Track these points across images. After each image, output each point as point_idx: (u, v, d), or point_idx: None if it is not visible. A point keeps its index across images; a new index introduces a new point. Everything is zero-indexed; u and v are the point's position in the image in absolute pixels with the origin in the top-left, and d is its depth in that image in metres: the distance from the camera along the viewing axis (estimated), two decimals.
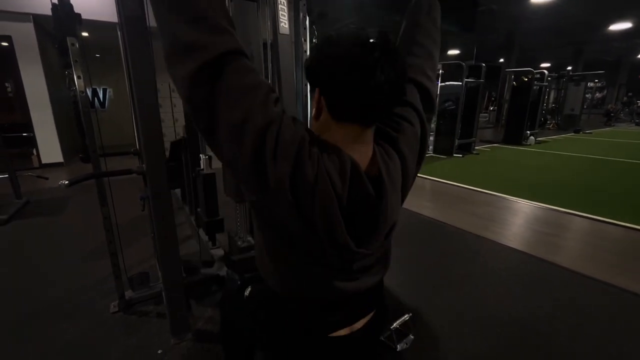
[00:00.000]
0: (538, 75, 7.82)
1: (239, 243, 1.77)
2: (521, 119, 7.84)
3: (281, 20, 1.39)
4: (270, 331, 0.77)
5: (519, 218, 3.21)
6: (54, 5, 1.41)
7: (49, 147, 5.43)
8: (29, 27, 4.92)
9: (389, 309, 0.86)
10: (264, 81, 0.60)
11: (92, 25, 5.30)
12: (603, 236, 2.78)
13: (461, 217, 3.22)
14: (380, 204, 0.62)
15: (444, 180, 4.61)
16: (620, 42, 13.19)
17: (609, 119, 13.61)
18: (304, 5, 1.65)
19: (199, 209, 2.21)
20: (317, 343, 0.73)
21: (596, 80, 15.93)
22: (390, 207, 0.63)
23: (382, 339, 0.90)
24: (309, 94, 1.78)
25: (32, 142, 5.31)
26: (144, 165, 1.34)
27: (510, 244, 2.59)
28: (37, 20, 4.95)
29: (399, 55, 0.59)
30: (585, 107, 11.55)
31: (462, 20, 8.32)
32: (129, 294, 1.78)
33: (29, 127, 5.25)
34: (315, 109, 0.65)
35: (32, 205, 3.49)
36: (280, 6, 1.38)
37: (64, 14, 1.40)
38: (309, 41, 1.75)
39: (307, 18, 1.70)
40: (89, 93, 1.48)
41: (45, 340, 1.54)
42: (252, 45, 1.56)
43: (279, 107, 0.59)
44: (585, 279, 2.10)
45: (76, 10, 1.43)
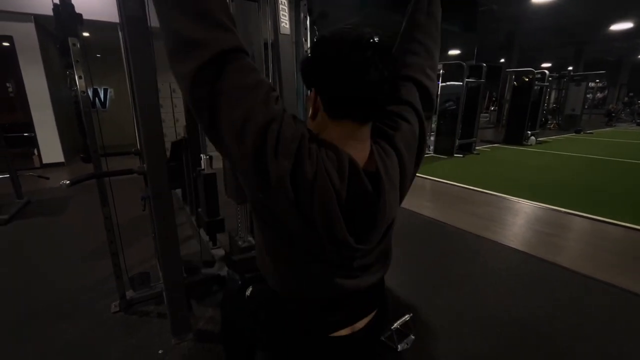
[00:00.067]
0: (539, 75, 7.80)
1: (239, 243, 1.77)
2: (522, 119, 7.83)
3: (282, 20, 1.40)
4: (271, 331, 0.77)
5: (519, 218, 3.21)
6: (55, 5, 1.41)
7: (50, 147, 5.44)
8: (30, 27, 4.93)
9: (390, 309, 0.86)
10: (264, 80, 0.60)
11: (93, 25, 5.32)
12: (603, 236, 2.78)
13: (462, 217, 3.22)
14: (378, 201, 0.62)
15: (445, 180, 4.61)
16: (621, 42, 13.18)
17: (610, 119, 13.58)
18: (304, 5, 1.65)
19: (199, 209, 2.21)
20: (318, 343, 0.73)
21: (597, 81, 15.90)
22: (388, 204, 0.64)
23: (382, 339, 0.90)
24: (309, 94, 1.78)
25: (33, 142, 5.32)
26: (144, 165, 1.34)
27: (510, 244, 2.59)
28: (38, 20, 4.96)
29: (391, 53, 0.60)
30: (586, 107, 11.51)
31: (463, 20, 8.32)
32: (129, 294, 1.79)
33: (30, 127, 5.26)
34: (311, 109, 0.65)
35: (33, 205, 3.49)
36: (281, 6, 1.38)
37: (66, 14, 1.40)
38: (309, 41, 1.75)
39: (308, 18, 1.71)
40: (90, 93, 1.48)
41: (45, 340, 1.55)
42: (253, 45, 1.56)
43: (279, 105, 0.60)
44: (586, 279, 2.09)
45: (77, 11, 1.43)
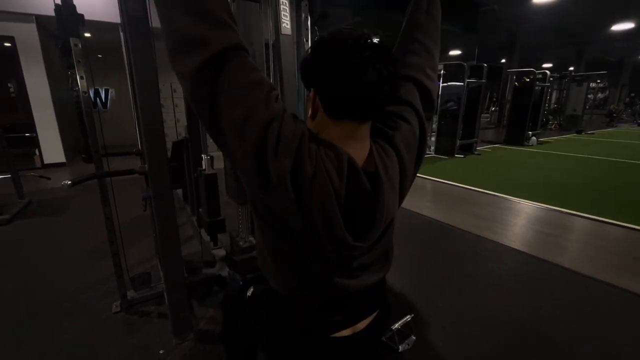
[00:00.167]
0: (540, 76, 7.79)
1: (240, 243, 1.77)
2: (523, 119, 7.82)
3: (283, 20, 1.40)
4: (272, 331, 0.77)
5: (520, 219, 3.20)
6: (57, 6, 1.41)
7: (52, 147, 5.45)
8: (31, 28, 4.93)
9: (391, 310, 0.86)
10: (265, 78, 0.61)
11: (94, 25, 5.33)
12: (604, 236, 2.77)
13: (463, 217, 3.21)
14: (377, 200, 0.62)
15: (446, 180, 4.60)
16: (622, 42, 13.16)
17: (612, 119, 13.55)
18: (305, 5, 1.65)
19: (200, 209, 2.22)
20: (319, 344, 0.73)
21: (598, 81, 15.85)
22: (387, 203, 0.64)
23: (383, 339, 0.90)
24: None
25: (34, 143, 5.32)
26: (146, 166, 1.34)
27: (511, 244, 2.59)
28: (39, 21, 4.97)
29: (390, 53, 0.60)
30: (587, 107, 11.49)
31: (464, 21, 8.32)
32: (130, 294, 1.79)
33: (31, 127, 5.26)
34: (310, 109, 0.65)
35: (34, 205, 3.50)
36: (282, 7, 1.38)
37: (67, 14, 1.40)
38: (310, 42, 1.75)
39: (309, 19, 1.71)
40: (92, 93, 1.48)
41: (46, 340, 1.55)
42: (254, 46, 1.56)
43: (280, 104, 0.60)
44: (586, 279, 2.09)
45: (79, 11, 1.44)
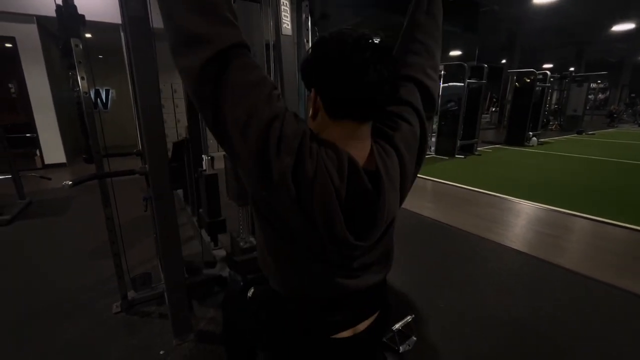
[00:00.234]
0: (540, 76, 7.79)
1: (241, 244, 1.77)
2: (523, 120, 7.82)
3: (284, 21, 1.40)
4: (273, 332, 0.77)
5: (521, 219, 3.20)
6: (58, 6, 1.42)
7: (52, 147, 5.45)
8: (32, 29, 4.94)
9: (392, 311, 0.86)
10: (267, 77, 0.61)
11: (95, 26, 5.34)
12: (604, 237, 2.77)
13: (463, 218, 3.21)
14: (378, 200, 0.62)
15: (446, 181, 4.60)
16: (623, 42, 13.15)
17: (612, 120, 13.55)
18: (306, 6, 1.65)
19: (201, 210, 2.22)
20: (319, 344, 0.72)
21: (599, 81, 15.87)
22: (388, 203, 0.64)
23: (384, 340, 0.90)
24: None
25: (35, 143, 5.33)
26: (146, 166, 1.34)
27: (512, 245, 2.58)
28: (40, 21, 4.98)
29: (390, 53, 0.60)
30: (587, 108, 11.50)
31: (464, 21, 8.32)
32: (131, 294, 1.79)
33: (32, 127, 5.27)
34: (311, 109, 0.66)
35: (35, 205, 3.50)
36: (282, 7, 1.38)
37: (68, 15, 1.40)
38: (311, 42, 1.75)
39: (310, 19, 1.71)
40: (92, 94, 1.48)
41: (47, 340, 1.55)
42: (254, 46, 1.56)
43: (281, 103, 0.60)
44: (587, 280, 2.09)
45: (80, 12, 1.44)
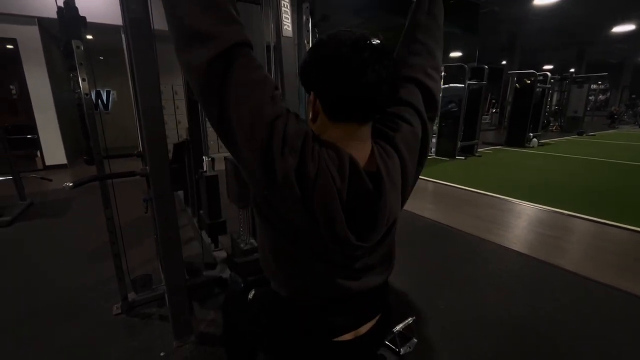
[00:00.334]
0: (541, 78, 7.79)
1: (241, 245, 1.77)
2: (524, 121, 7.81)
3: (284, 22, 1.40)
4: (274, 334, 0.77)
5: (521, 220, 3.19)
6: (59, 8, 1.42)
7: (53, 149, 5.46)
8: (34, 30, 4.96)
9: (393, 315, 0.85)
10: (269, 77, 0.61)
11: (96, 28, 5.35)
12: (605, 238, 2.76)
13: (463, 219, 3.20)
14: (379, 200, 0.62)
15: (447, 182, 4.60)
16: (623, 43, 13.14)
17: (613, 121, 13.54)
18: (307, 7, 1.65)
19: (201, 211, 2.21)
20: (320, 347, 0.72)
21: (599, 82, 15.86)
22: (390, 203, 0.64)
23: (385, 342, 0.89)
24: None
25: (36, 144, 5.33)
26: (147, 168, 1.34)
27: (512, 246, 2.58)
28: (42, 23, 4.99)
29: (389, 54, 0.60)
30: (588, 109, 11.48)
31: (465, 22, 8.32)
32: (131, 296, 1.79)
33: (33, 129, 5.28)
34: (311, 112, 0.66)
35: (35, 206, 3.50)
36: (283, 9, 1.38)
37: (69, 17, 1.41)
38: (312, 44, 1.75)
39: (310, 21, 1.71)
40: (93, 95, 1.48)
41: (46, 341, 1.55)
42: (255, 48, 1.56)
43: (283, 104, 0.61)
44: (587, 281, 2.08)
45: (81, 14, 1.44)
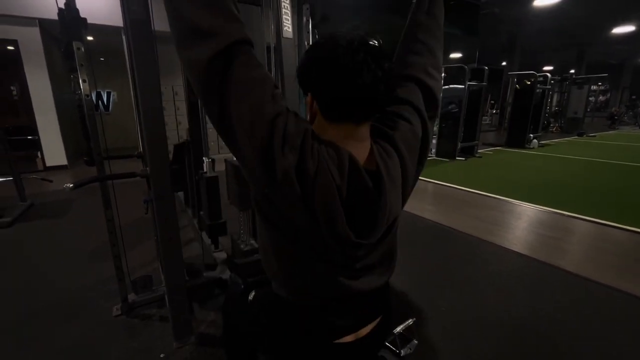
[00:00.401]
0: (541, 79, 7.80)
1: (242, 246, 1.77)
2: (524, 122, 7.82)
3: (284, 23, 1.40)
4: (274, 335, 0.77)
5: (522, 221, 3.19)
6: (60, 9, 1.42)
7: (54, 150, 5.46)
8: (34, 32, 4.97)
9: (393, 316, 0.85)
10: (269, 75, 0.62)
11: (97, 29, 5.36)
12: (605, 239, 2.76)
13: (464, 220, 3.20)
14: (379, 199, 0.62)
15: (447, 183, 4.59)
16: (623, 44, 13.15)
17: (613, 122, 13.53)
18: (307, 9, 1.66)
19: (201, 212, 2.22)
20: (321, 349, 0.72)
21: (599, 83, 15.83)
22: (390, 201, 0.64)
23: (386, 343, 0.89)
24: None
25: (36, 145, 5.34)
26: (147, 169, 1.34)
27: (512, 247, 2.57)
28: (42, 24, 5.00)
29: (385, 54, 0.61)
30: (588, 110, 11.47)
31: (465, 23, 8.33)
32: (131, 297, 1.79)
33: (33, 130, 5.28)
34: (309, 113, 0.66)
35: (36, 207, 3.50)
36: (283, 10, 1.39)
37: (70, 18, 1.41)
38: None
39: (310, 22, 1.71)
40: (94, 96, 1.48)
41: (47, 341, 1.54)
42: (255, 49, 1.57)
43: (283, 102, 0.61)
44: (587, 282, 2.08)
45: (82, 15, 1.45)
